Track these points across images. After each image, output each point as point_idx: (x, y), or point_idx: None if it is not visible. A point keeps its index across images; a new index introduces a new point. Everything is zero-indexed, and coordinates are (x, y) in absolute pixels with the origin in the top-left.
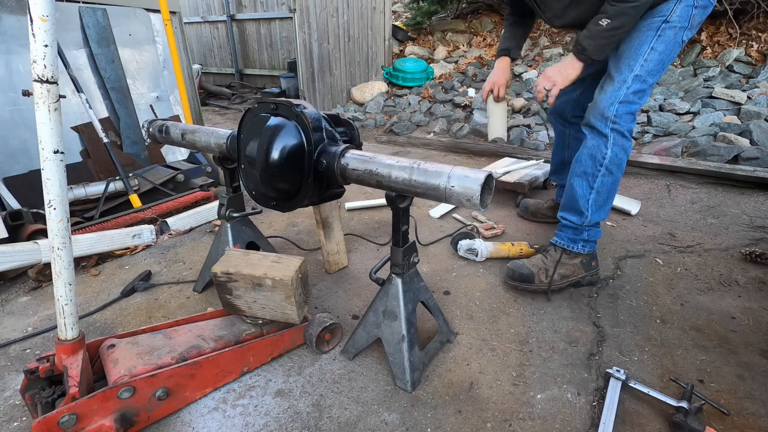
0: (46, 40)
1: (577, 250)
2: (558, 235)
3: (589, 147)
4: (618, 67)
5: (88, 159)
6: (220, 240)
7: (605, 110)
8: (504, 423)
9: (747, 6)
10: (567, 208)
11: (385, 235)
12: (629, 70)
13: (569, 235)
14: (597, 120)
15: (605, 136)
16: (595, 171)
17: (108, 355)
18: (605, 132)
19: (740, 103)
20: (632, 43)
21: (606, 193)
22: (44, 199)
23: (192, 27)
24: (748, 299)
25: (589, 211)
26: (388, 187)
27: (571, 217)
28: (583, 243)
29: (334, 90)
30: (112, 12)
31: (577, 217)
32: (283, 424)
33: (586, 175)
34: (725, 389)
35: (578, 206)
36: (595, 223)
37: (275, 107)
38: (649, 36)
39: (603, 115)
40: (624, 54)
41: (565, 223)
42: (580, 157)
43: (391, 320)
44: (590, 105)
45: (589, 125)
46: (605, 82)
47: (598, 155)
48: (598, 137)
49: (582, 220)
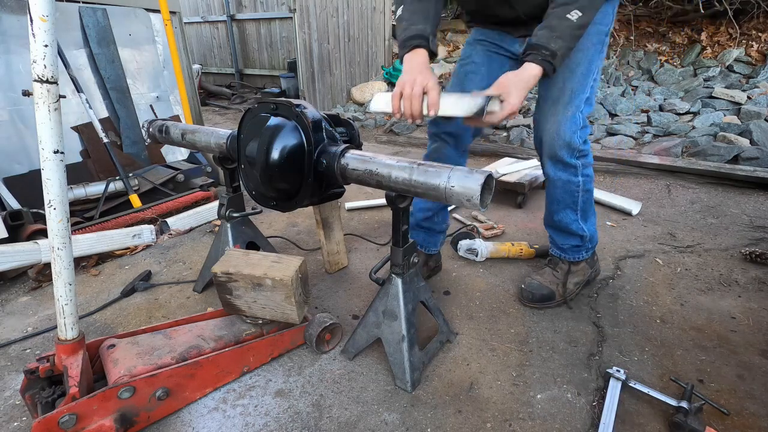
0: (46, 40)
1: (582, 258)
2: (558, 249)
3: (561, 186)
4: (571, 89)
5: (88, 159)
6: (220, 240)
7: (571, 141)
8: (504, 423)
9: (747, 6)
10: (564, 235)
11: (385, 235)
12: (582, 92)
13: (573, 250)
14: (565, 152)
15: (574, 167)
16: (575, 199)
17: (108, 355)
18: (574, 163)
19: (740, 103)
20: (580, 57)
21: (588, 205)
22: (44, 199)
23: (192, 27)
24: (748, 299)
25: (585, 230)
26: (388, 187)
27: (572, 242)
28: (585, 251)
29: (334, 90)
30: (112, 12)
31: (578, 240)
32: (283, 424)
33: (567, 206)
34: (725, 389)
35: (573, 232)
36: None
37: (275, 107)
38: (597, 48)
39: (570, 146)
40: (575, 71)
41: (566, 246)
42: (556, 197)
43: (391, 320)
44: (550, 137)
45: (557, 159)
46: (557, 109)
47: (573, 187)
48: (567, 170)
49: (583, 241)
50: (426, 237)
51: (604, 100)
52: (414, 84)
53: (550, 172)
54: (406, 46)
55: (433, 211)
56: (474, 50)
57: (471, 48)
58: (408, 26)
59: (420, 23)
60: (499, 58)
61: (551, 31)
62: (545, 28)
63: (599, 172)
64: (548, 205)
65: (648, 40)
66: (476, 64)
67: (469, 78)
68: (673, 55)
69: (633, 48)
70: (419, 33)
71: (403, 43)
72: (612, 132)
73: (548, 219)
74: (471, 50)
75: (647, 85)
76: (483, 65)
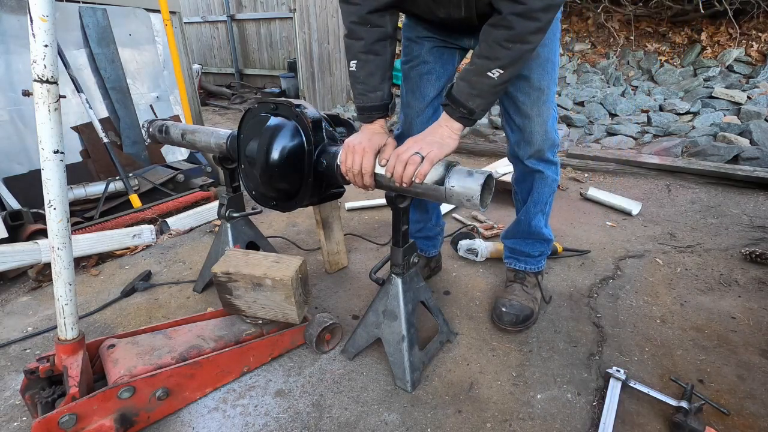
0: (46, 40)
1: (543, 266)
2: (524, 261)
3: (548, 183)
4: (546, 86)
5: (88, 159)
6: (220, 240)
7: (555, 138)
8: (504, 423)
9: (747, 6)
10: (534, 242)
11: (385, 235)
12: (554, 84)
13: (537, 259)
14: (551, 151)
15: (555, 163)
16: (549, 199)
17: (108, 355)
18: (555, 160)
19: (740, 103)
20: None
21: (550, 207)
22: (44, 199)
23: (192, 27)
24: (748, 299)
25: (549, 234)
26: (388, 187)
27: (540, 248)
28: (545, 257)
29: (334, 90)
30: (112, 12)
31: (546, 245)
32: (283, 424)
33: (540, 209)
34: (725, 389)
35: (545, 237)
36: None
37: (275, 107)
38: (556, 37)
39: (554, 144)
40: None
41: (535, 253)
42: (542, 196)
43: (391, 320)
44: (539, 138)
45: (544, 160)
46: (540, 110)
47: (554, 185)
48: (552, 167)
49: (549, 246)
50: (424, 243)
51: (604, 100)
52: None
53: (540, 168)
54: (368, 118)
55: (424, 221)
56: (422, 48)
57: (417, 46)
58: (365, 92)
59: (378, 87)
60: (449, 51)
61: (471, 87)
62: (465, 81)
63: (599, 172)
64: (525, 211)
65: (648, 40)
66: (429, 63)
67: (425, 80)
68: (673, 55)
69: (633, 48)
70: (380, 102)
71: (363, 113)
72: (612, 132)
73: (520, 228)
74: (418, 49)
75: (647, 85)
76: (436, 63)
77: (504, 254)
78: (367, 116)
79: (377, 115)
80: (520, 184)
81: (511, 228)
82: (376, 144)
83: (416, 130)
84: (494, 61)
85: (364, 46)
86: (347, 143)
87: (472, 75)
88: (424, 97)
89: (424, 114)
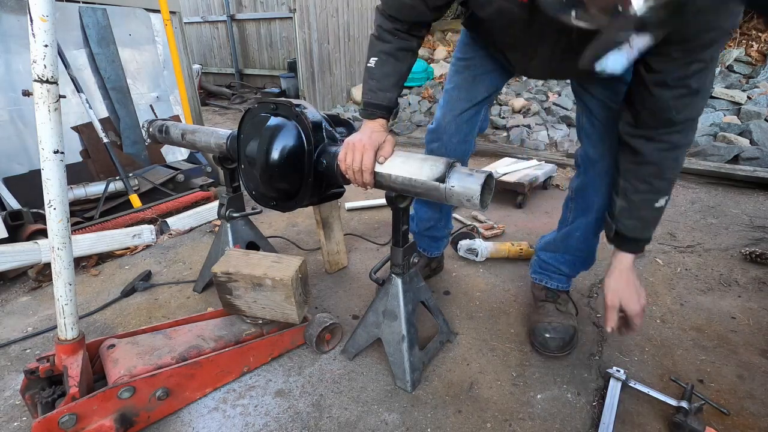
0: (46, 40)
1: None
2: (557, 279)
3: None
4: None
5: (88, 159)
6: (220, 240)
7: None
8: (504, 423)
9: None
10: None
11: (385, 235)
12: None
13: (569, 280)
14: None
15: None
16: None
17: (108, 355)
18: None
19: (740, 103)
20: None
21: None
22: (44, 199)
23: (192, 27)
24: (748, 299)
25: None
26: (388, 187)
27: (582, 269)
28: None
29: (334, 90)
30: (112, 12)
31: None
32: (283, 424)
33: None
34: (725, 389)
35: (594, 258)
36: None
37: (275, 107)
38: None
39: None
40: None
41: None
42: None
43: (391, 320)
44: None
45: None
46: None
47: None
48: None
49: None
50: (429, 242)
51: None
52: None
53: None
54: (371, 114)
55: (435, 221)
56: (476, 53)
57: (472, 50)
58: (376, 89)
59: (389, 90)
60: (500, 68)
61: (643, 222)
62: (635, 219)
63: None
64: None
65: None
66: (486, 67)
67: (479, 80)
68: None
69: None
70: (387, 104)
71: (368, 108)
72: None
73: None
74: (472, 52)
75: None
76: (494, 71)
77: (532, 267)
78: (371, 113)
79: (380, 114)
80: (583, 192)
81: (554, 240)
82: (376, 141)
83: (454, 128)
84: (660, 192)
85: (389, 48)
86: (347, 141)
87: (642, 210)
88: (472, 98)
89: (467, 113)
